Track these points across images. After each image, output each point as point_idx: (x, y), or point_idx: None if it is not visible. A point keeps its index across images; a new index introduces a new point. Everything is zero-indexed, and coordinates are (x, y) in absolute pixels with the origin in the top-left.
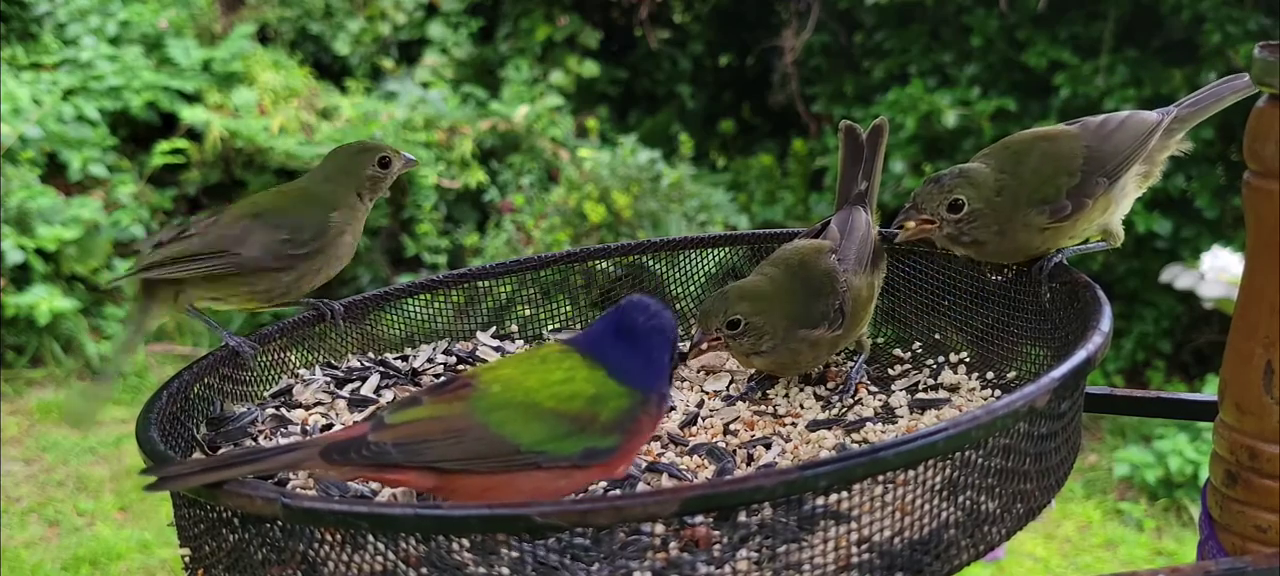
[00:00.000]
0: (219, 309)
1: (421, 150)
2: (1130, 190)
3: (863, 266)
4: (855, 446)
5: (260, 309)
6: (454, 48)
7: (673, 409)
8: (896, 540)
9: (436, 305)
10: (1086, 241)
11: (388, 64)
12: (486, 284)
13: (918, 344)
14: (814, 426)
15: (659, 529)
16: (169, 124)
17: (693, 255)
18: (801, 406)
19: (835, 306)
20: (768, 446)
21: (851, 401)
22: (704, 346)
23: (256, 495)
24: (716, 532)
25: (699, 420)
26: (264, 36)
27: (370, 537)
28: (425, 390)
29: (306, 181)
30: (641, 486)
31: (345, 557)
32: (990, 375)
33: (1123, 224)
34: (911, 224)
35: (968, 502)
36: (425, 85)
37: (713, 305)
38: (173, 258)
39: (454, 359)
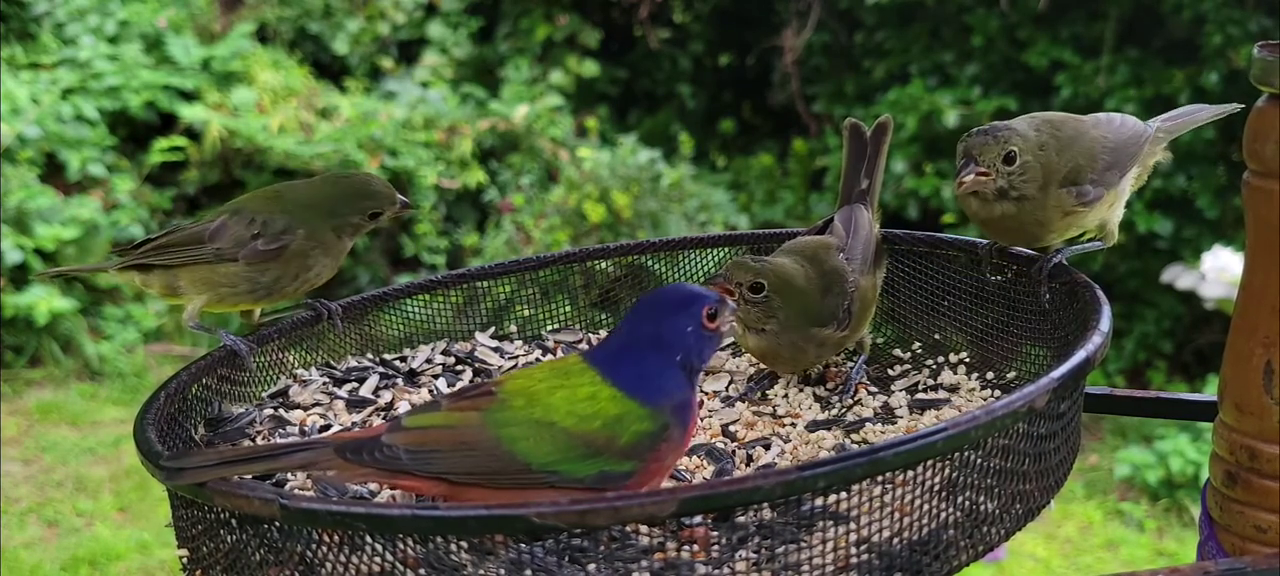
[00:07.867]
0: (215, 310)
1: (421, 150)
2: (1127, 189)
3: (867, 265)
4: (854, 447)
5: (248, 309)
6: (453, 47)
7: None
8: (895, 541)
9: (435, 305)
10: (1082, 238)
11: (387, 63)
12: (486, 284)
13: (917, 344)
14: (813, 427)
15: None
16: (168, 123)
17: (693, 255)
18: (801, 407)
19: (844, 306)
20: (767, 447)
21: (851, 402)
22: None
23: (254, 496)
24: (715, 533)
25: (698, 420)
26: (263, 36)
27: (368, 538)
28: (447, 394)
29: (296, 188)
30: None
31: (343, 559)
32: (990, 375)
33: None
34: (969, 177)
35: (967, 503)
36: (425, 85)
37: (746, 261)
38: (158, 246)
39: (453, 359)
